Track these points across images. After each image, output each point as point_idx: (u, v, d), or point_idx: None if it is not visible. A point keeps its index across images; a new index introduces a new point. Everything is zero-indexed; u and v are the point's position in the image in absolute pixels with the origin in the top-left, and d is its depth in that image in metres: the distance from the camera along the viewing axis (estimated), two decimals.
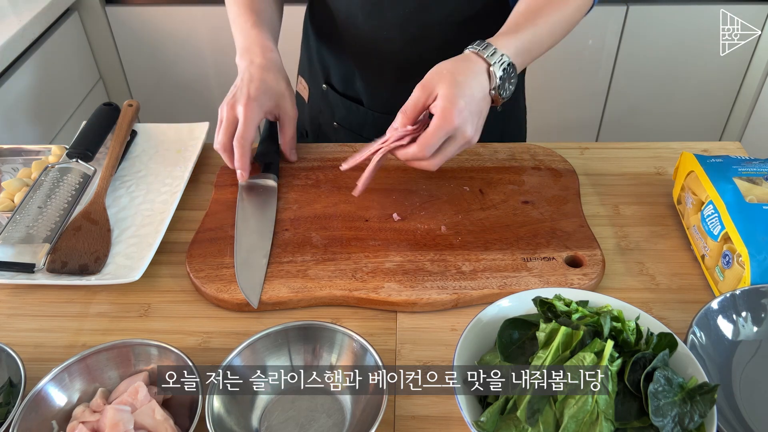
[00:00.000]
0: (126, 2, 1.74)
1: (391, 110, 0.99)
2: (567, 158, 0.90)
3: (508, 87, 0.72)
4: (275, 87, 0.82)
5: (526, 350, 0.56)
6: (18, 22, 1.42)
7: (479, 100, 0.70)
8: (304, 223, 0.79)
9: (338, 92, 1.03)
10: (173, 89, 1.89)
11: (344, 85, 1.02)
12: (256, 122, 0.80)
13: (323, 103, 1.05)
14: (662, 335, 0.56)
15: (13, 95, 1.42)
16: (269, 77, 0.82)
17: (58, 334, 0.68)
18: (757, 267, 0.64)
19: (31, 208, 0.77)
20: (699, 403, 0.51)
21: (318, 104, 1.06)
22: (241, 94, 0.80)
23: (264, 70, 0.82)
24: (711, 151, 0.92)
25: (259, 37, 0.85)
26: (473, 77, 0.70)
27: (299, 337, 0.62)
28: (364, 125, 1.02)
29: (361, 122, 1.02)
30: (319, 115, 1.07)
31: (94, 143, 0.87)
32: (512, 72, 0.72)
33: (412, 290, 0.69)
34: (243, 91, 0.80)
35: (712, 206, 0.71)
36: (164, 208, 0.81)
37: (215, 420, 0.54)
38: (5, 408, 0.58)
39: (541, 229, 0.77)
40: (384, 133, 0.77)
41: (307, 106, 1.08)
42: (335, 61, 1.00)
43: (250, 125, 0.79)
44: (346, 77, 1.00)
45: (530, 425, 0.50)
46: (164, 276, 0.74)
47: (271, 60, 0.83)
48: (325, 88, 1.03)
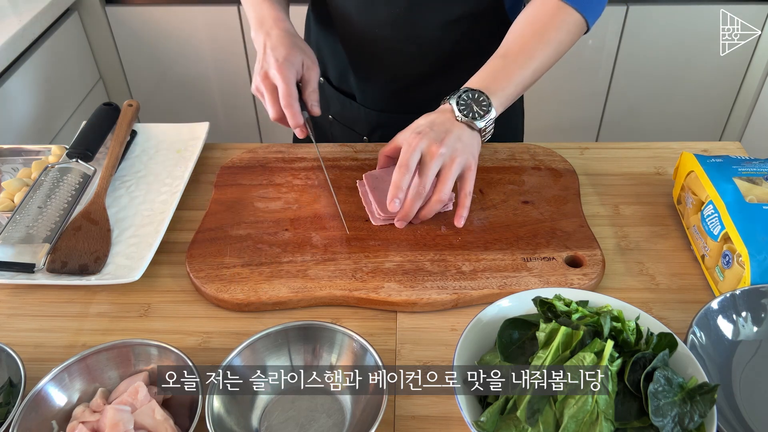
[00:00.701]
0: (126, 2, 1.74)
1: (384, 108, 1.00)
2: (567, 158, 0.90)
3: (477, 110, 0.75)
4: (297, 45, 0.84)
5: (526, 350, 0.56)
6: (18, 22, 1.42)
7: (447, 126, 0.74)
8: (304, 223, 0.79)
9: (333, 86, 1.04)
10: (173, 89, 1.89)
11: (339, 80, 1.03)
12: (294, 80, 0.81)
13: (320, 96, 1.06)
14: (662, 335, 0.56)
15: (13, 95, 1.42)
16: (287, 41, 0.83)
17: (58, 334, 0.68)
18: (757, 267, 0.64)
19: (31, 208, 0.77)
20: (699, 403, 0.51)
21: None
22: (269, 63, 0.81)
23: (281, 37, 0.84)
24: (711, 151, 0.92)
25: (271, 10, 0.87)
26: (438, 114, 0.76)
27: (299, 337, 0.62)
28: (356, 121, 1.03)
29: (354, 117, 1.03)
30: None
31: (94, 143, 0.87)
32: (475, 96, 0.75)
33: (412, 290, 0.69)
34: (270, 60, 0.81)
35: (712, 206, 0.71)
36: (164, 208, 0.81)
37: (215, 420, 0.54)
38: (5, 408, 0.58)
39: (541, 229, 0.77)
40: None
41: None
42: (331, 55, 1.01)
43: (290, 84, 0.80)
44: (341, 72, 1.02)
45: (530, 425, 0.50)
46: (164, 276, 0.74)
47: (285, 29, 0.85)
48: (322, 81, 1.04)
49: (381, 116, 1.01)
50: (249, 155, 0.91)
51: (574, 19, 0.81)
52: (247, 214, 0.80)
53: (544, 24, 0.80)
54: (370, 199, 0.80)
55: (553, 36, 0.80)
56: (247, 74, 1.83)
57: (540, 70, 0.80)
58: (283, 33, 0.84)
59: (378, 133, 1.03)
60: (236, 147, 0.96)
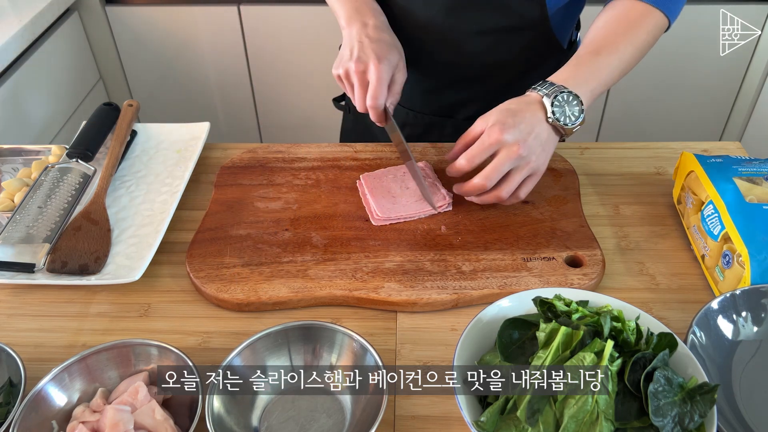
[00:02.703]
0: (126, 2, 1.74)
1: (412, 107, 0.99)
2: (567, 158, 0.90)
3: (569, 114, 0.73)
4: (395, 44, 0.83)
5: (526, 350, 0.56)
6: (18, 22, 1.42)
7: (533, 124, 0.72)
8: (304, 223, 0.79)
9: None
10: (173, 89, 1.89)
11: None
12: (388, 81, 0.79)
13: None
14: (662, 335, 0.56)
15: (14, 95, 1.42)
16: (387, 38, 0.82)
17: (58, 334, 0.68)
18: (757, 267, 0.64)
19: (31, 208, 0.77)
20: (699, 403, 0.51)
21: None
22: (367, 55, 0.78)
23: (380, 30, 0.82)
24: (711, 151, 0.92)
25: (367, 1, 0.86)
26: (525, 105, 0.73)
27: (299, 337, 0.62)
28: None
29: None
30: None
31: (94, 143, 0.87)
32: (570, 98, 0.73)
33: (412, 290, 0.69)
34: (369, 53, 0.78)
35: (712, 206, 0.71)
36: (164, 208, 0.81)
37: (215, 420, 0.54)
38: (5, 408, 0.58)
39: (541, 229, 0.77)
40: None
41: None
42: None
43: (383, 85, 0.78)
44: None
45: (530, 425, 0.50)
46: (164, 276, 0.74)
47: (383, 21, 0.84)
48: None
49: (409, 114, 1.00)
50: (249, 155, 0.91)
51: (660, 20, 0.80)
52: (247, 214, 0.80)
53: (633, 24, 0.79)
54: (369, 199, 0.80)
55: (640, 36, 0.79)
56: (247, 74, 1.83)
57: (625, 71, 0.79)
58: (382, 25, 0.83)
59: (405, 132, 1.02)
60: (236, 147, 0.96)
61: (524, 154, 0.71)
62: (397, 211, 0.78)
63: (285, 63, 1.81)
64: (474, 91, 0.98)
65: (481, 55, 0.91)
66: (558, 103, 0.72)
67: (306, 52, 1.79)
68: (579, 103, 0.73)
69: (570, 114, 0.73)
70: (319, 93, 1.85)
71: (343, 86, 0.83)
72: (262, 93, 1.88)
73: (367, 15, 0.84)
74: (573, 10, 0.91)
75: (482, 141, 0.71)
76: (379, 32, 0.82)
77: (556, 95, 0.72)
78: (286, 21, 1.74)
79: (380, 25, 0.83)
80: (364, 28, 0.82)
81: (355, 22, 0.83)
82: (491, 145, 0.71)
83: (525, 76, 0.94)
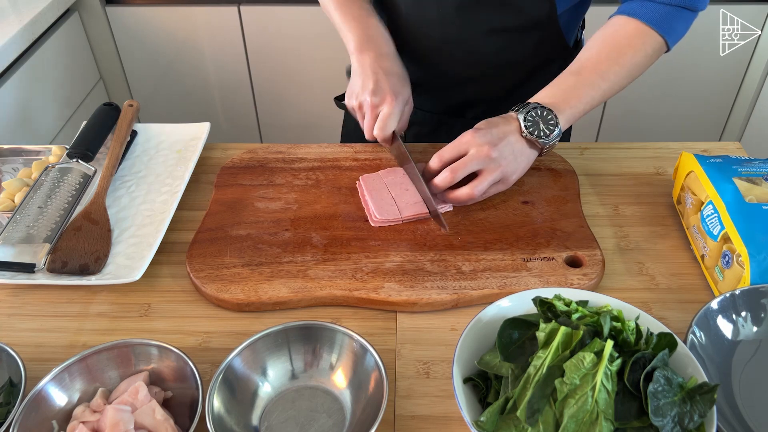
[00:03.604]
0: (126, 2, 1.74)
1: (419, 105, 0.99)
2: (567, 158, 0.90)
3: (543, 128, 0.75)
4: (405, 77, 0.84)
5: (526, 350, 0.56)
6: (18, 22, 1.42)
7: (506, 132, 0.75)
8: (304, 223, 0.79)
9: None
10: (173, 89, 1.89)
11: None
12: (399, 117, 0.81)
13: None
14: (662, 335, 0.56)
15: (14, 95, 1.42)
16: (399, 70, 0.83)
17: (59, 334, 0.68)
18: (757, 267, 0.64)
19: (32, 208, 0.77)
20: (699, 402, 0.51)
21: None
22: (383, 89, 0.80)
23: (393, 62, 0.83)
24: (711, 151, 0.92)
25: (378, 27, 0.86)
26: (502, 119, 0.77)
27: (299, 337, 0.62)
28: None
29: None
30: None
31: (95, 143, 0.87)
32: (544, 113, 0.75)
33: (412, 290, 0.69)
34: (385, 87, 0.80)
35: (712, 206, 0.71)
36: (164, 208, 0.81)
37: (215, 420, 0.54)
38: (5, 408, 0.58)
39: (540, 229, 0.77)
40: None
41: None
42: None
43: (395, 121, 0.80)
44: None
45: (530, 425, 0.50)
46: (164, 276, 0.74)
47: (395, 51, 0.85)
48: None
49: (418, 114, 1.00)
50: (249, 155, 0.91)
51: (655, 41, 0.79)
52: (248, 215, 0.80)
53: (622, 45, 0.79)
54: (368, 201, 0.80)
55: (630, 58, 0.78)
56: (247, 74, 1.83)
57: (611, 91, 0.79)
58: (394, 56, 0.84)
59: (412, 131, 1.03)
60: (236, 147, 0.96)
61: (494, 156, 0.73)
62: (396, 213, 0.78)
63: (285, 63, 1.81)
64: (482, 91, 0.98)
65: (491, 55, 0.92)
66: (531, 118, 0.75)
67: (306, 52, 1.79)
68: (554, 119, 0.75)
69: (544, 128, 0.75)
70: (319, 93, 1.85)
71: (355, 115, 0.84)
72: (262, 93, 1.88)
73: (381, 44, 0.84)
74: (580, 9, 0.91)
75: (455, 142, 0.75)
76: (393, 65, 0.83)
77: (528, 111, 0.76)
78: (286, 21, 1.74)
79: (393, 56, 0.84)
80: (379, 60, 0.82)
81: (368, 50, 0.83)
82: (461, 145, 0.74)
83: (532, 76, 0.95)
